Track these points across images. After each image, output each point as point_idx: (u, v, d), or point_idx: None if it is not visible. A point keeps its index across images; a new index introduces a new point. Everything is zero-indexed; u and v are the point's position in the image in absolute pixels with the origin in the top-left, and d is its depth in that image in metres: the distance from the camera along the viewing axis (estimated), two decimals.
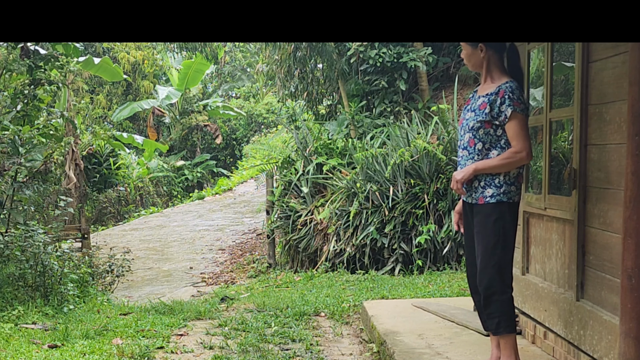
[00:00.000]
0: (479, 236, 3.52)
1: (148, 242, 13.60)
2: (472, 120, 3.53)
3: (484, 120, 3.48)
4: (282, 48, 11.83)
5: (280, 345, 4.90)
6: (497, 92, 3.47)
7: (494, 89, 3.50)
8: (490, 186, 3.49)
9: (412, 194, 8.64)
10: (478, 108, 3.53)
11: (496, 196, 3.47)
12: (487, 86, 3.56)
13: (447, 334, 4.53)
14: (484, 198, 3.50)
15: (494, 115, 3.47)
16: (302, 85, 12.42)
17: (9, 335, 4.92)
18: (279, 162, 10.94)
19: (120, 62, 22.76)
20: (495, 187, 3.48)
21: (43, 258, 6.28)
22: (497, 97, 3.46)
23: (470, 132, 3.52)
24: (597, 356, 3.38)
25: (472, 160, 3.53)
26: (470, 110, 3.60)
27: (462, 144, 3.60)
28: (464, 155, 3.59)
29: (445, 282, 7.16)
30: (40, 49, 7.30)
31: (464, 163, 3.59)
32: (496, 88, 3.49)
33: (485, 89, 3.57)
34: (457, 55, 12.43)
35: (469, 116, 3.58)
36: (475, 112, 3.54)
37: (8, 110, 7.21)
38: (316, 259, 9.61)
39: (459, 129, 3.66)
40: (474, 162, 3.51)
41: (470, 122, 3.54)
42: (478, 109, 3.53)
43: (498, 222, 3.47)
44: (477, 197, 3.53)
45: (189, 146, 24.54)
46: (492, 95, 3.48)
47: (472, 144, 3.53)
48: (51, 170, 14.46)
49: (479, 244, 3.52)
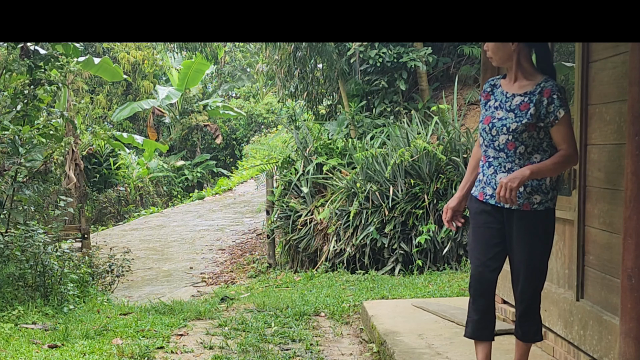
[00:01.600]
0: (524, 244, 3.24)
1: (148, 242, 13.59)
2: (513, 123, 3.20)
3: (530, 122, 3.17)
4: (282, 48, 11.84)
5: (280, 345, 4.90)
6: (541, 91, 3.18)
7: (534, 88, 3.20)
8: (537, 192, 3.22)
9: (412, 194, 8.64)
10: (518, 109, 3.21)
11: (544, 203, 3.22)
12: (522, 84, 3.25)
13: (447, 334, 4.53)
14: (530, 204, 3.22)
15: (541, 117, 3.17)
16: (302, 85, 12.42)
17: (9, 335, 4.92)
18: (279, 162, 10.94)
19: (120, 62, 22.76)
20: (542, 193, 3.22)
21: (43, 258, 6.28)
22: (542, 97, 3.16)
23: (510, 135, 3.20)
24: (597, 356, 3.38)
25: (514, 164, 3.21)
26: (505, 109, 3.26)
27: (497, 145, 3.26)
28: (500, 157, 3.25)
29: (445, 282, 7.16)
30: (40, 49, 7.30)
31: (498, 165, 3.27)
32: (536, 87, 3.20)
33: (520, 87, 3.26)
34: (457, 55, 12.43)
35: (507, 117, 3.24)
36: (515, 113, 3.21)
37: (8, 110, 7.21)
38: (316, 259, 9.61)
39: (486, 128, 3.31)
40: (515, 166, 3.20)
41: (510, 124, 3.21)
42: (518, 110, 3.21)
43: (547, 230, 3.27)
44: (522, 202, 3.21)
45: (189, 146, 24.54)
46: (535, 95, 3.18)
47: (511, 147, 3.21)
48: (51, 170, 14.45)
49: (523, 252, 3.24)
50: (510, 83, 3.30)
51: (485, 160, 3.34)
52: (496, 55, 3.28)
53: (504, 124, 3.22)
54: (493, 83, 3.41)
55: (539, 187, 3.21)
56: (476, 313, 3.39)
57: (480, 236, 3.36)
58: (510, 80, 3.31)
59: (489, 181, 3.31)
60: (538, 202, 3.22)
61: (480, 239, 3.36)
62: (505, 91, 3.31)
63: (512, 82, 3.29)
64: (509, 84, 3.31)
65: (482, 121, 3.35)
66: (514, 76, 3.27)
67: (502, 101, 3.29)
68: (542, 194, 3.22)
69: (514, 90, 3.27)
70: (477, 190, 3.39)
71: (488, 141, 3.30)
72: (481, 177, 3.37)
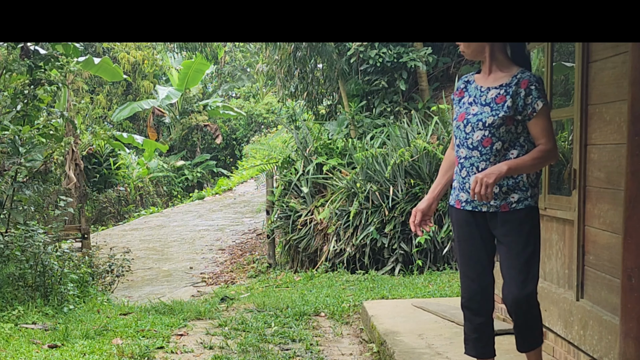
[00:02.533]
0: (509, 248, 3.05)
1: (148, 242, 13.59)
2: (488, 116, 3.02)
3: (507, 115, 2.99)
4: (282, 48, 11.84)
5: (280, 345, 4.90)
6: (518, 82, 3.02)
7: (510, 79, 3.05)
8: (514, 190, 3.04)
9: (412, 194, 8.64)
10: (493, 102, 3.05)
11: (524, 201, 3.04)
12: (497, 76, 3.10)
13: (447, 334, 4.53)
14: (508, 205, 3.04)
15: (518, 109, 3.00)
16: (302, 85, 12.43)
17: (9, 335, 4.92)
18: (279, 162, 10.95)
19: (120, 62, 22.76)
20: (520, 190, 3.04)
21: (43, 258, 6.28)
22: (519, 89, 3.00)
23: (486, 130, 3.02)
24: (597, 356, 3.38)
25: (488, 162, 3.03)
26: (480, 104, 3.09)
27: (470, 143, 3.08)
28: (473, 156, 3.07)
29: (445, 282, 7.16)
30: (40, 49, 7.30)
31: (470, 165, 3.08)
32: (512, 78, 3.04)
33: (494, 79, 3.10)
34: (457, 55, 12.43)
35: (483, 111, 3.06)
36: (491, 107, 3.04)
37: (8, 110, 7.21)
38: (316, 259, 9.61)
39: (460, 125, 3.14)
40: (490, 164, 3.02)
41: (486, 118, 3.03)
42: (494, 103, 3.04)
43: (533, 229, 3.07)
44: (499, 204, 3.04)
45: (189, 146, 24.55)
46: (512, 87, 3.02)
47: (487, 144, 3.03)
48: (51, 170, 14.46)
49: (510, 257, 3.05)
50: (485, 77, 3.15)
51: (457, 162, 3.17)
52: (468, 48, 3.13)
53: (479, 118, 3.05)
54: (467, 79, 3.26)
55: (515, 185, 3.04)
56: (474, 331, 3.22)
57: (466, 251, 3.18)
58: (485, 73, 3.15)
59: (462, 186, 3.14)
60: (516, 200, 3.04)
61: (466, 253, 3.18)
62: (479, 85, 3.15)
63: (487, 75, 3.14)
64: (484, 78, 3.16)
65: (455, 119, 3.18)
66: (488, 69, 3.12)
67: (477, 96, 3.13)
68: (520, 191, 3.04)
69: (488, 84, 3.11)
70: (453, 198, 3.22)
71: (462, 139, 3.12)
72: (455, 183, 3.20)
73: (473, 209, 3.12)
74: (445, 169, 3.34)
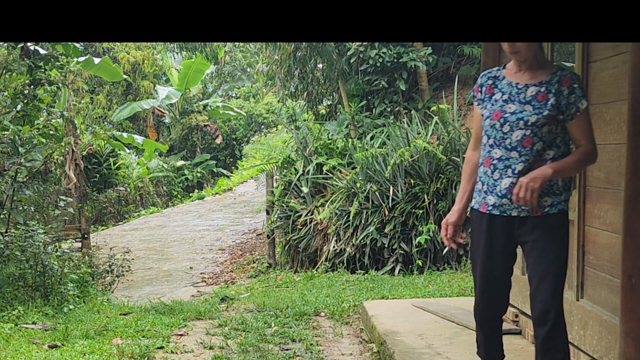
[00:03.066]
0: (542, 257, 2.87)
1: (148, 242, 13.59)
2: (531, 115, 2.86)
3: (551, 114, 2.84)
4: (282, 48, 11.84)
5: (280, 345, 4.90)
6: (559, 80, 2.88)
7: (549, 77, 2.90)
8: (548, 194, 2.89)
9: (412, 194, 8.64)
10: (535, 99, 2.88)
11: (557, 205, 2.89)
12: (534, 73, 2.94)
13: (447, 334, 4.53)
14: (541, 209, 2.88)
15: (561, 108, 2.86)
16: (302, 85, 12.43)
17: (9, 335, 4.92)
18: (279, 162, 10.94)
19: (120, 62, 22.76)
20: (554, 194, 2.89)
21: (43, 258, 6.28)
22: (562, 87, 2.86)
23: (528, 129, 2.85)
24: (597, 356, 3.38)
25: (525, 164, 2.86)
26: (519, 101, 2.91)
27: (508, 143, 2.90)
28: (511, 157, 2.89)
29: (445, 282, 7.16)
30: (40, 49, 7.30)
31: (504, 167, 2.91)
32: (552, 75, 2.90)
33: (531, 76, 2.94)
34: (457, 55, 12.43)
35: (524, 110, 2.89)
36: (532, 105, 2.87)
37: (8, 110, 7.21)
38: (316, 259, 9.61)
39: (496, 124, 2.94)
40: (525, 166, 2.86)
41: (528, 116, 2.86)
42: (535, 101, 2.88)
43: (566, 235, 2.93)
44: (531, 208, 2.87)
45: (189, 146, 24.54)
46: (554, 85, 2.87)
47: (528, 144, 2.86)
48: (51, 170, 14.46)
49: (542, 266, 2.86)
50: (520, 73, 2.97)
51: (488, 163, 2.97)
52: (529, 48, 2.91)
53: (520, 117, 2.88)
54: (493, 75, 3.08)
55: (549, 188, 2.89)
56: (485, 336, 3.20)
57: (485, 257, 3.00)
58: (519, 69, 2.98)
59: (491, 188, 2.96)
60: (549, 204, 2.89)
61: (484, 260, 3.00)
62: (513, 82, 2.98)
63: (521, 71, 2.97)
64: (517, 75, 2.98)
65: (489, 117, 2.98)
66: (527, 65, 2.94)
67: (512, 93, 2.95)
68: (554, 195, 2.90)
69: (525, 81, 2.94)
70: (477, 202, 3.04)
71: (497, 139, 2.93)
72: (480, 185, 3.02)
73: (501, 214, 2.94)
74: (469, 173, 3.16)
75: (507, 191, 2.89)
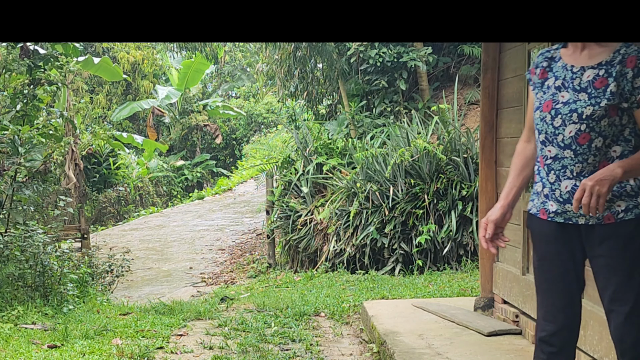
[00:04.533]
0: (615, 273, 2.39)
1: (148, 242, 13.59)
2: (586, 106, 2.36)
3: (611, 104, 2.33)
4: (282, 48, 11.84)
5: (280, 345, 4.90)
6: (622, 60, 2.35)
7: (611, 56, 2.37)
8: (621, 197, 2.38)
9: (412, 194, 8.63)
10: (591, 86, 2.37)
11: (633, 209, 2.37)
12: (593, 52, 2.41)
13: (447, 334, 4.53)
14: (614, 215, 2.38)
15: (625, 94, 2.34)
16: (302, 85, 12.43)
17: (8, 335, 4.92)
18: (278, 162, 10.95)
19: (120, 62, 22.76)
20: (628, 197, 2.38)
21: (42, 258, 6.27)
22: (625, 68, 2.33)
23: (583, 123, 2.36)
24: (597, 356, 3.37)
25: (585, 164, 2.38)
26: (573, 89, 2.41)
27: (560, 140, 2.42)
28: (565, 156, 2.41)
29: (445, 282, 7.16)
30: (40, 49, 7.30)
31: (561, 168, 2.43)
32: (615, 54, 2.37)
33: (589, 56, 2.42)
34: (457, 55, 12.43)
35: (577, 99, 2.39)
36: (588, 93, 2.37)
37: (7, 110, 7.20)
38: (316, 259, 9.61)
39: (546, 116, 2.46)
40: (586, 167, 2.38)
41: (582, 108, 2.36)
42: (592, 88, 2.37)
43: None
44: (602, 215, 2.38)
45: (188, 146, 24.54)
46: (615, 66, 2.35)
47: (584, 141, 2.37)
48: (51, 170, 14.41)
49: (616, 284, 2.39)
50: (576, 52, 2.46)
51: (542, 163, 2.50)
52: None
53: (573, 109, 2.39)
54: (550, 55, 2.55)
55: (621, 190, 2.38)
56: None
57: (551, 273, 2.52)
58: (576, 48, 2.46)
59: (551, 193, 2.47)
60: (623, 209, 2.38)
61: (551, 276, 2.53)
62: (568, 64, 2.47)
63: (579, 50, 2.45)
64: (574, 55, 2.47)
65: (539, 108, 2.50)
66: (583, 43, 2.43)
67: (567, 78, 2.45)
68: (628, 198, 2.38)
69: (582, 62, 2.43)
70: (535, 206, 2.56)
71: (549, 135, 2.44)
72: (539, 187, 2.54)
73: (565, 221, 2.46)
74: (519, 167, 2.65)
75: (569, 195, 2.41)
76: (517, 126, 4.55)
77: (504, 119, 4.88)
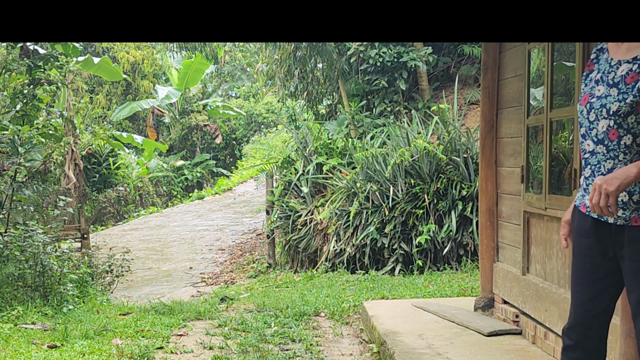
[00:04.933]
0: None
1: (148, 242, 13.59)
2: (614, 101, 2.31)
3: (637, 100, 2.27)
4: (282, 48, 11.84)
5: (280, 345, 4.90)
6: None
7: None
8: None
9: (412, 194, 8.63)
10: (622, 81, 2.32)
11: None
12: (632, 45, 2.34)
13: (447, 334, 4.52)
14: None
15: None
16: (302, 85, 12.43)
17: (8, 335, 4.91)
18: (278, 162, 10.95)
19: (120, 61, 22.76)
20: None
21: (42, 258, 6.27)
22: None
23: (611, 119, 2.31)
24: None
25: (616, 160, 2.32)
26: (607, 83, 2.37)
27: (594, 135, 2.38)
28: (598, 152, 2.37)
29: (445, 282, 7.16)
30: (40, 49, 7.30)
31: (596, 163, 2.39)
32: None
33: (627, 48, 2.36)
34: (457, 55, 12.43)
35: (608, 94, 2.35)
36: (618, 89, 2.32)
37: (7, 110, 7.20)
38: (316, 259, 9.61)
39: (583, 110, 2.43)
40: (619, 163, 2.31)
41: (610, 103, 2.32)
42: (623, 83, 2.32)
43: None
44: (628, 216, 2.31)
45: (188, 146, 24.55)
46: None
47: (614, 137, 2.31)
48: (50, 170, 14.45)
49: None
50: (620, 44, 2.39)
51: (582, 156, 2.48)
52: None
53: (603, 104, 2.35)
54: (600, 47, 2.51)
55: None
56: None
57: (581, 267, 2.48)
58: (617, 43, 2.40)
59: (587, 187, 2.45)
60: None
61: (579, 270, 2.49)
62: (609, 58, 2.42)
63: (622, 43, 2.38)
64: (617, 47, 2.41)
65: (579, 101, 2.49)
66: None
67: (605, 72, 2.41)
68: None
69: (620, 56, 2.37)
70: (578, 199, 2.52)
71: (586, 129, 2.41)
72: (582, 181, 2.51)
73: (599, 218, 2.40)
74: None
75: None
76: (517, 126, 4.55)
77: (504, 119, 4.88)
